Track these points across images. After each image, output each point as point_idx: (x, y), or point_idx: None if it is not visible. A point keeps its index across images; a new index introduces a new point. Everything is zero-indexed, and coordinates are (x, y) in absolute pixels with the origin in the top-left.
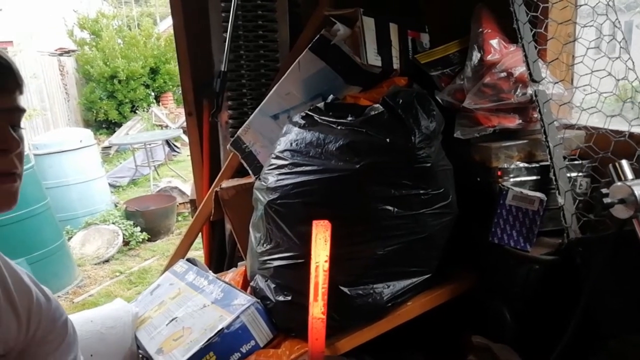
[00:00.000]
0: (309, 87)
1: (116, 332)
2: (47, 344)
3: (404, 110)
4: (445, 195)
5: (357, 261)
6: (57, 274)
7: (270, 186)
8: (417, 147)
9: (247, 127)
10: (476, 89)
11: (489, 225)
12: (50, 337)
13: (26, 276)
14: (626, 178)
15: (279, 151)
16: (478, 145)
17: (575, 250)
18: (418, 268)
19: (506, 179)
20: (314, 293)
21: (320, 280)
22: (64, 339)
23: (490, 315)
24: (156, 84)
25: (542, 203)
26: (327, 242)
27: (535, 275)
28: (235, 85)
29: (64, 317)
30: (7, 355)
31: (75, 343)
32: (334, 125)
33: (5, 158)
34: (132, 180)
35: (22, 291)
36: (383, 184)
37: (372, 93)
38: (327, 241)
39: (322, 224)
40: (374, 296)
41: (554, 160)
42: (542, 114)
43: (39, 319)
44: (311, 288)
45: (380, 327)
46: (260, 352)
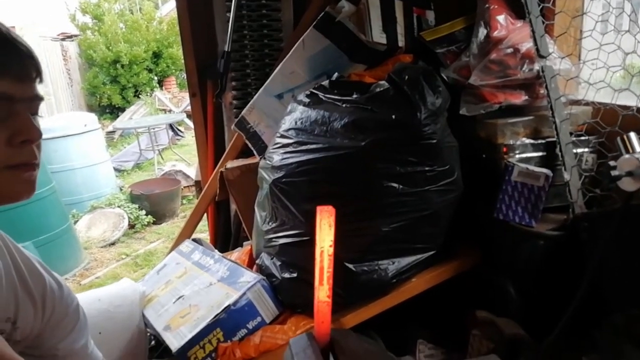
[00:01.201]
0: (313, 66)
1: (124, 311)
2: (60, 329)
3: (409, 87)
4: (451, 172)
5: (362, 238)
6: (64, 256)
7: (275, 165)
8: (422, 123)
9: (252, 107)
10: (482, 65)
11: (494, 201)
12: (64, 322)
13: (37, 263)
14: (634, 150)
15: (283, 130)
16: (484, 121)
17: (581, 226)
18: (423, 245)
19: (512, 155)
20: (319, 277)
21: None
22: (76, 324)
23: (494, 291)
24: (159, 68)
25: (548, 179)
26: (331, 227)
27: (540, 251)
28: (239, 65)
29: (75, 303)
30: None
31: (86, 328)
32: (339, 103)
33: (28, 148)
34: (136, 164)
35: (36, 278)
36: (388, 161)
37: (377, 71)
38: (331, 226)
39: (326, 209)
40: (378, 272)
41: (560, 135)
42: (549, 90)
43: (52, 305)
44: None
45: (385, 303)
46: (266, 328)
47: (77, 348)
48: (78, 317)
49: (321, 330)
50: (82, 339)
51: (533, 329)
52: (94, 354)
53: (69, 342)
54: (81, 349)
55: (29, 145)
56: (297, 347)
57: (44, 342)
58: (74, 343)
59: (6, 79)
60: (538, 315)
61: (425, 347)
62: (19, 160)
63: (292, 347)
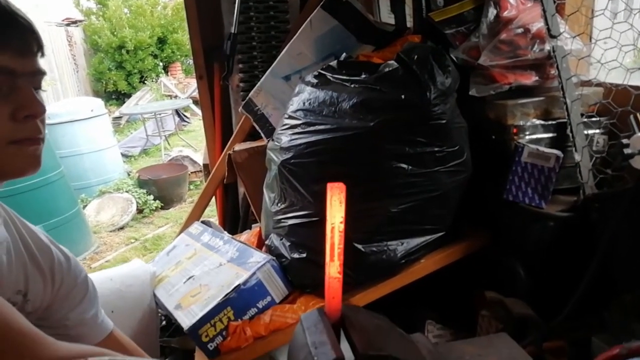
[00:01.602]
0: (320, 47)
1: (135, 290)
2: (69, 300)
3: (419, 66)
4: (460, 153)
5: (371, 219)
6: (74, 240)
7: (283, 146)
8: (432, 103)
9: (259, 89)
10: (492, 45)
11: (504, 183)
12: (72, 293)
13: (44, 235)
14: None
15: (291, 111)
16: (493, 102)
17: (592, 206)
18: (432, 226)
19: (522, 136)
20: (330, 253)
21: (336, 241)
22: (85, 294)
23: (503, 272)
24: (164, 54)
25: (558, 160)
26: (342, 203)
27: (550, 232)
28: (245, 47)
29: (83, 274)
30: (34, 312)
31: (95, 298)
32: (347, 83)
33: (31, 123)
34: (143, 150)
35: (44, 251)
36: (397, 141)
37: (385, 52)
38: (342, 203)
39: (336, 186)
40: (387, 253)
41: (571, 116)
42: (560, 70)
43: (61, 276)
44: (327, 249)
45: (394, 283)
46: (276, 308)
47: (87, 318)
48: (87, 288)
49: (332, 305)
50: (92, 309)
51: (542, 309)
52: (105, 323)
53: (78, 312)
54: (91, 318)
55: (32, 120)
56: (309, 322)
57: (54, 313)
58: (84, 313)
59: (7, 53)
60: (547, 296)
61: (434, 327)
62: (23, 135)
63: (303, 322)
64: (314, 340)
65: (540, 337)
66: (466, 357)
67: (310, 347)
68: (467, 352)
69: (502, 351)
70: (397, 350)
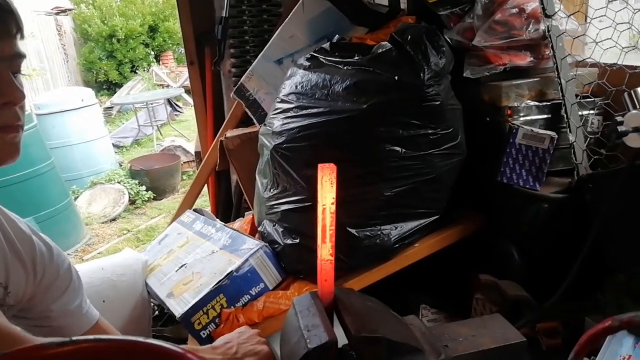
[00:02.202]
0: (314, 29)
1: (127, 280)
2: (52, 291)
3: (412, 47)
4: (455, 136)
5: (365, 203)
6: (66, 232)
7: (276, 131)
8: (426, 84)
9: (251, 73)
10: (487, 26)
11: (498, 165)
12: (56, 284)
13: (25, 225)
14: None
15: (284, 95)
16: (488, 84)
17: (586, 187)
18: (426, 210)
19: (516, 118)
20: (322, 235)
21: (327, 223)
22: (69, 285)
23: (498, 255)
24: (156, 42)
25: (553, 141)
26: (333, 184)
27: (544, 214)
28: (237, 32)
29: (67, 264)
30: (16, 304)
31: (80, 289)
32: (341, 65)
33: (10, 110)
34: (135, 140)
35: (25, 242)
36: (391, 124)
37: (379, 34)
38: (333, 184)
39: (327, 166)
40: (381, 238)
41: (566, 96)
42: (555, 50)
43: (43, 267)
44: (319, 230)
45: (388, 268)
46: (269, 294)
47: (71, 309)
48: (71, 278)
49: (325, 289)
50: (76, 300)
51: (536, 291)
52: (90, 313)
53: (62, 303)
54: (76, 309)
55: (11, 107)
56: (301, 306)
57: (36, 305)
58: (68, 304)
59: None
60: (541, 278)
61: (429, 312)
62: (1, 122)
63: (296, 305)
64: (307, 323)
65: (534, 318)
66: (460, 339)
67: (303, 331)
68: (461, 333)
69: (496, 332)
70: (391, 332)
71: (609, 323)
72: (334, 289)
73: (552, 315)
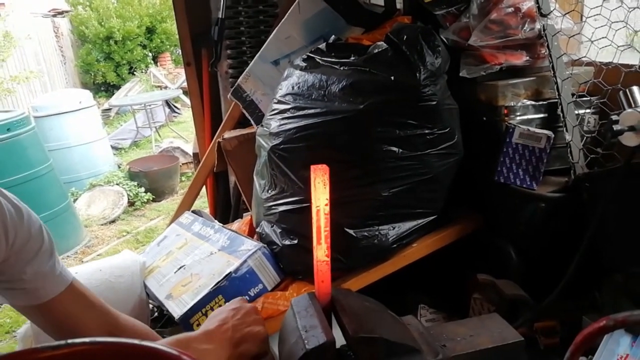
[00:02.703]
0: (309, 30)
1: (125, 281)
2: (25, 252)
3: (408, 47)
4: (451, 135)
5: (362, 203)
6: (65, 234)
7: (273, 131)
8: (422, 84)
9: (247, 74)
10: (482, 25)
11: (495, 164)
12: (28, 245)
13: None
14: (637, 105)
15: (280, 95)
16: (484, 84)
17: (582, 186)
18: (423, 209)
19: (512, 117)
20: (316, 237)
21: (322, 224)
22: (41, 245)
23: (495, 254)
24: (153, 44)
25: (549, 140)
26: (326, 185)
27: (541, 213)
28: (233, 33)
29: (37, 225)
30: None
31: (53, 249)
32: (337, 66)
33: None
34: (133, 142)
35: None
36: (387, 124)
37: (374, 34)
38: (326, 185)
39: (320, 167)
40: (379, 238)
41: (562, 95)
42: (551, 49)
43: (15, 229)
44: (314, 232)
45: (386, 268)
46: (268, 295)
47: (44, 270)
48: (42, 239)
49: (322, 289)
50: (49, 260)
51: (533, 290)
52: (64, 274)
53: (35, 265)
54: (49, 270)
55: None
56: (299, 306)
57: (9, 267)
58: (41, 265)
59: None
60: (538, 277)
61: (427, 311)
62: None
63: (294, 306)
64: (305, 324)
65: (532, 317)
66: (458, 338)
67: (301, 331)
68: (459, 333)
69: (493, 331)
70: (388, 332)
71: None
72: (331, 289)
73: (550, 314)
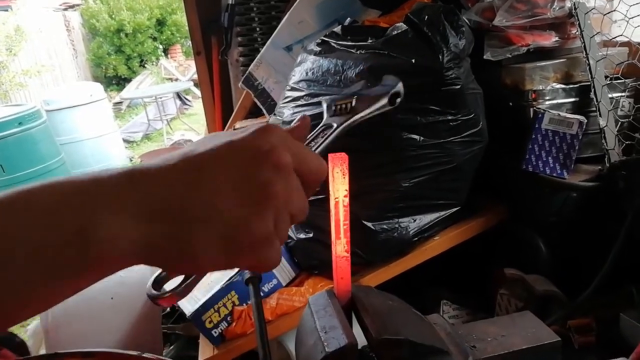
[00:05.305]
0: (323, 13)
1: (134, 275)
2: None
3: (430, 27)
4: (475, 122)
5: (381, 194)
6: None
7: (286, 120)
8: (445, 67)
9: (259, 61)
10: (507, 5)
11: (522, 152)
12: None
13: None
14: None
15: (293, 82)
16: (510, 67)
17: (618, 174)
18: (446, 200)
19: (541, 101)
20: (335, 231)
21: (341, 217)
22: None
23: (522, 248)
24: (163, 36)
25: (582, 126)
26: (345, 175)
27: (573, 203)
28: (244, 19)
29: None
30: None
31: None
32: (353, 49)
33: None
34: (145, 135)
35: None
36: (408, 110)
37: (392, 16)
38: (345, 175)
39: (338, 156)
40: (399, 231)
41: (595, 77)
42: (582, 28)
43: None
44: (332, 225)
45: (406, 262)
46: (282, 290)
47: None
48: None
49: (341, 287)
50: None
51: (565, 285)
52: None
53: None
54: None
55: None
56: (317, 305)
57: None
58: None
59: None
60: (570, 271)
61: (450, 307)
62: None
63: (311, 305)
64: (324, 324)
65: (565, 315)
66: (488, 339)
67: (320, 332)
68: (489, 332)
69: (526, 330)
70: (414, 333)
71: None
72: (351, 286)
73: (584, 311)
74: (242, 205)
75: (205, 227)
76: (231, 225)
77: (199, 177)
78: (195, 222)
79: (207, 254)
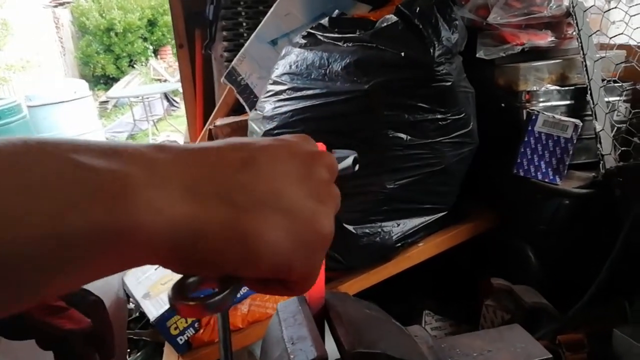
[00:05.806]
0: (311, 6)
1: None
2: None
3: (421, 19)
4: (466, 122)
5: (364, 196)
6: None
7: (266, 115)
8: (436, 61)
9: (243, 56)
10: (502, 2)
11: (514, 155)
12: None
13: None
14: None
15: (276, 75)
16: (503, 66)
17: (615, 181)
18: (432, 205)
19: (535, 103)
20: None
21: None
22: None
23: (511, 256)
24: (154, 36)
25: (577, 129)
26: None
27: (565, 211)
28: (230, 12)
29: None
30: None
31: None
32: (340, 42)
33: None
34: (130, 135)
35: None
36: (395, 107)
37: (383, 11)
38: None
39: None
40: (382, 235)
41: (592, 79)
42: (580, 26)
43: None
44: None
45: (389, 269)
46: (255, 297)
47: None
48: None
49: (313, 293)
50: None
51: (555, 297)
52: None
53: None
54: None
55: None
56: (286, 313)
57: None
58: None
59: None
60: (561, 283)
61: (432, 318)
62: None
63: (280, 312)
64: (292, 334)
65: (555, 329)
66: (473, 354)
67: (287, 343)
68: (475, 347)
69: (515, 345)
70: (392, 346)
71: None
72: (325, 293)
73: (575, 326)
74: (310, 197)
75: (273, 213)
76: (303, 217)
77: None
78: (260, 207)
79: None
